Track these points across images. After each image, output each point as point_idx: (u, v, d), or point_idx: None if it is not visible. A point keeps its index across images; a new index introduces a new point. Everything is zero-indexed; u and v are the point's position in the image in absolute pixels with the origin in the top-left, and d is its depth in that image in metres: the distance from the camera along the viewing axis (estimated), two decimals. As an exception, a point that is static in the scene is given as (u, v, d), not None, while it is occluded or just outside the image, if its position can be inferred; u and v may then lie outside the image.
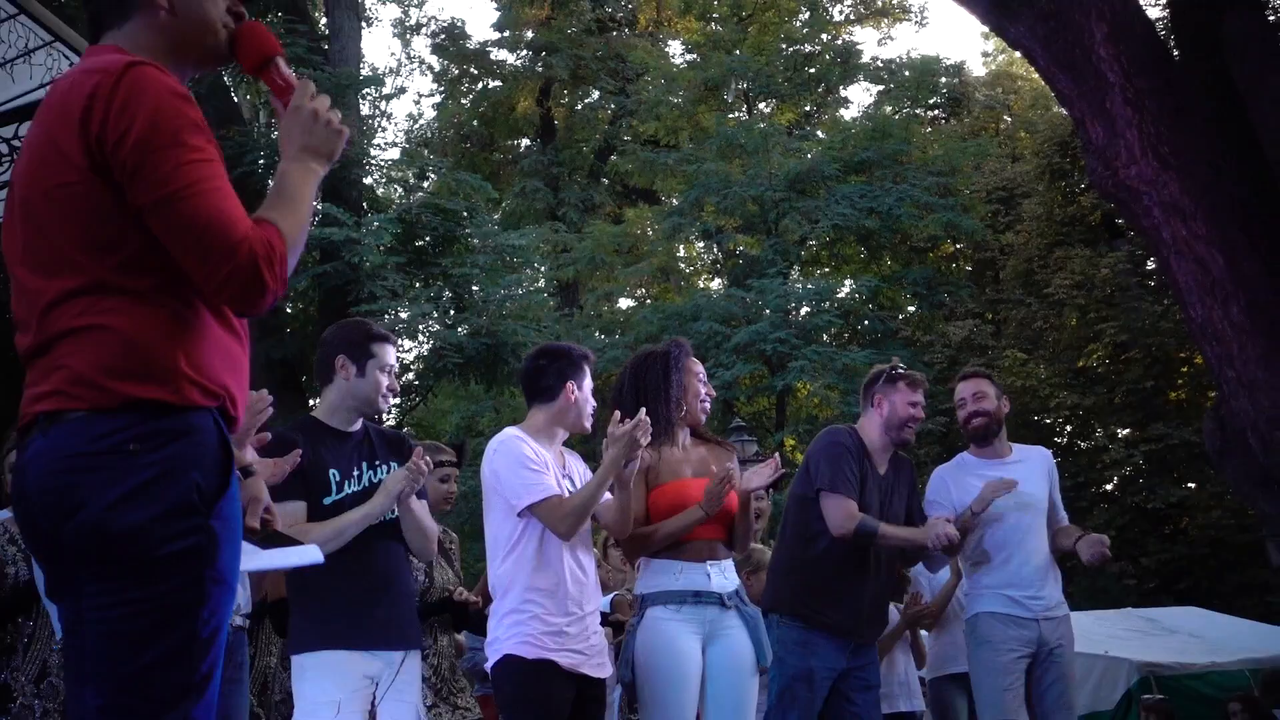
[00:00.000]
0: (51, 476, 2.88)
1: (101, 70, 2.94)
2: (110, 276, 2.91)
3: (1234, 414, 11.54)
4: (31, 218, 2.98)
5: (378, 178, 27.18)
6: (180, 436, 2.92)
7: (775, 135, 28.58)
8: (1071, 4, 11.50)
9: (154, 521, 2.86)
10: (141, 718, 2.89)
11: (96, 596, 2.89)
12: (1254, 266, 11.31)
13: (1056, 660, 7.28)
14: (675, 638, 6.02)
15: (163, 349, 2.93)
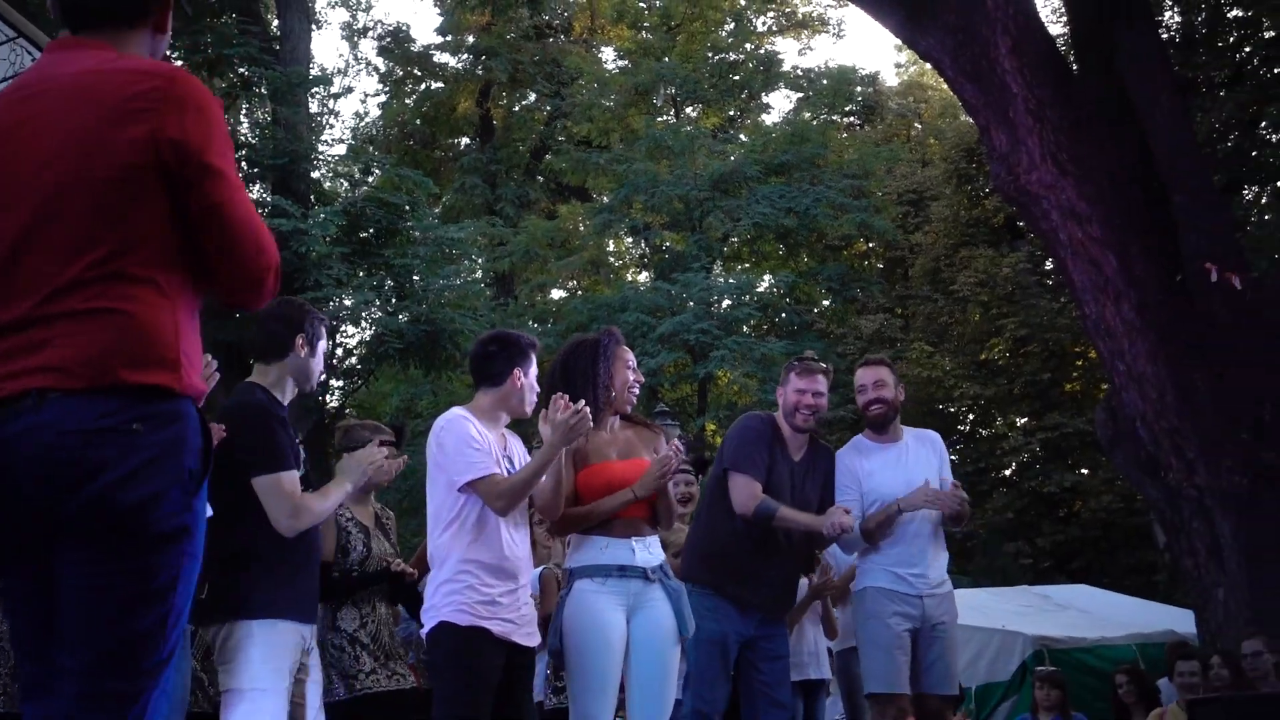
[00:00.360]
0: (57, 450, 2.83)
1: (148, 72, 2.98)
2: (128, 264, 2.90)
3: (1124, 405, 11.61)
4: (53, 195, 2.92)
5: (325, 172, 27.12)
6: (176, 421, 2.93)
7: (701, 138, 28.65)
8: (978, 19, 11.54)
9: (156, 498, 2.87)
10: (124, 682, 2.89)
11: (87, 565, 2.87)
12: (1145, 268, 11.38)
13: (939, 635, 7.30)
14: (601, 609, 6.01)
15: (170, 338, 2.95)
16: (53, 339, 2.84)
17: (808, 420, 7.22)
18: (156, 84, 2.93)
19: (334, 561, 6.67)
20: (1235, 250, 11.84)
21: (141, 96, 2.90)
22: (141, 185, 2.89)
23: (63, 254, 2.87)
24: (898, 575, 7.26)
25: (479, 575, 5.75)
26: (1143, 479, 11.83)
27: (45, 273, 2.87)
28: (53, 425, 2.81)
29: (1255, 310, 11.33)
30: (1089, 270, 11.47)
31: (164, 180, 2.91)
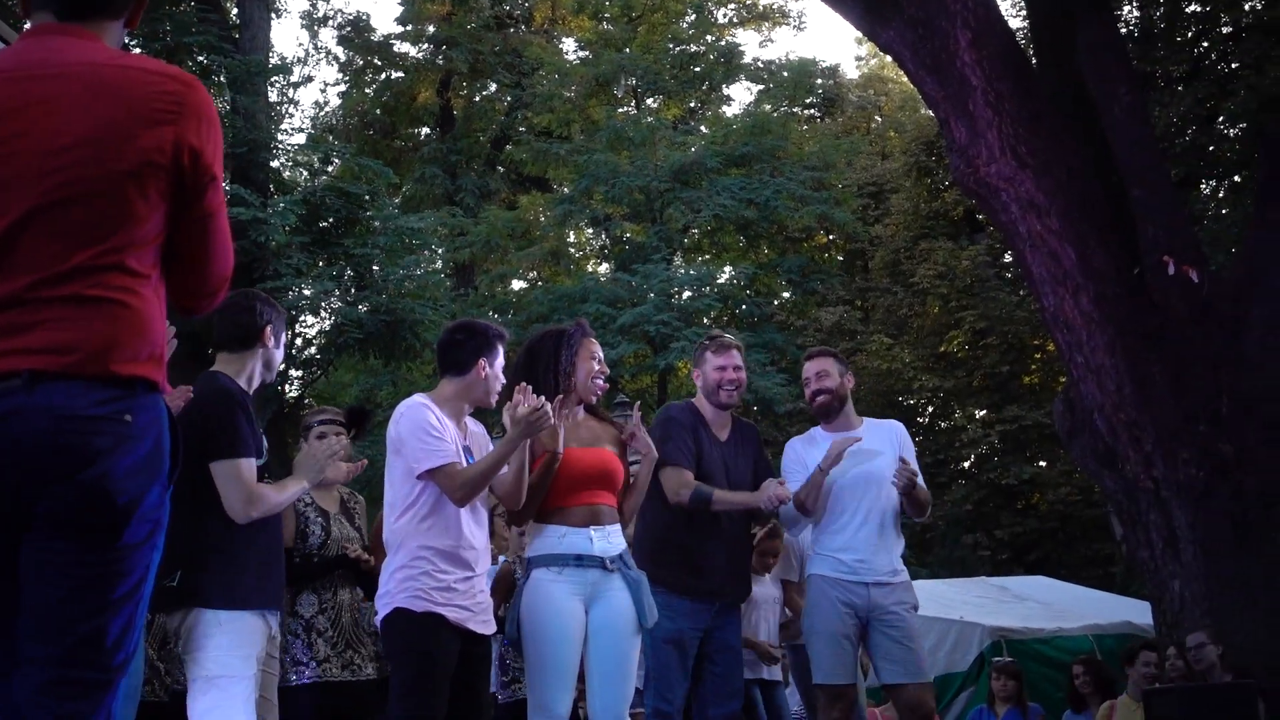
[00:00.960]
0: (54, 434, 2.84)
1: (171, 76, 3.05)
2: (132, 259, 2.95)
3: (1082, 397, 11.66)
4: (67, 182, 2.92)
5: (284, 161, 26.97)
6: (160, 416, 2.99)
7: (661, 129, 28.66)
8: (938, 12, 11.56)
9: (142, 495, 2.91)
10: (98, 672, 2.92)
11: (64, 555, 2.88)
12: (1103, 261, 11.42)
13: (893, 624, 7.21)
14: (558, 598, 6.04)
15: (159, 334, 3.02)
16: (47, 321, 2.85)
17: (731, 396, 7.30)
18: (180, 90, 3.01)
19: (293, 546, 6.68)
20: (1193, 244, 11.90)
21: (168, 99, 2.98)
22: (156, 185, 2.95)
23: (69, 239, 2.89)
24: (842, 562, 7.22)
25: (435, 562, 5.80)
26: (1100, 471, 11.88)
27: (45, 255, 2.87)
28: (46, 408, 2.81)
29: (1212, 303, 11.39)
30: (1048, 262, 11.51)
31: (173, 183, 2.96)
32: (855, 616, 7.20)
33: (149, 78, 3.01)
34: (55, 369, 2.83)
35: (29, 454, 2.83)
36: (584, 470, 6.19)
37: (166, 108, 2.95)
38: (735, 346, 7.42)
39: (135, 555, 2.93)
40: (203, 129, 3.00)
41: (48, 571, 2.89)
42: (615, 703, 6.20)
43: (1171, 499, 11.20)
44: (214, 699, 5.26)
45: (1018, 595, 16.05)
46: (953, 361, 25.64)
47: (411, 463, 5.82)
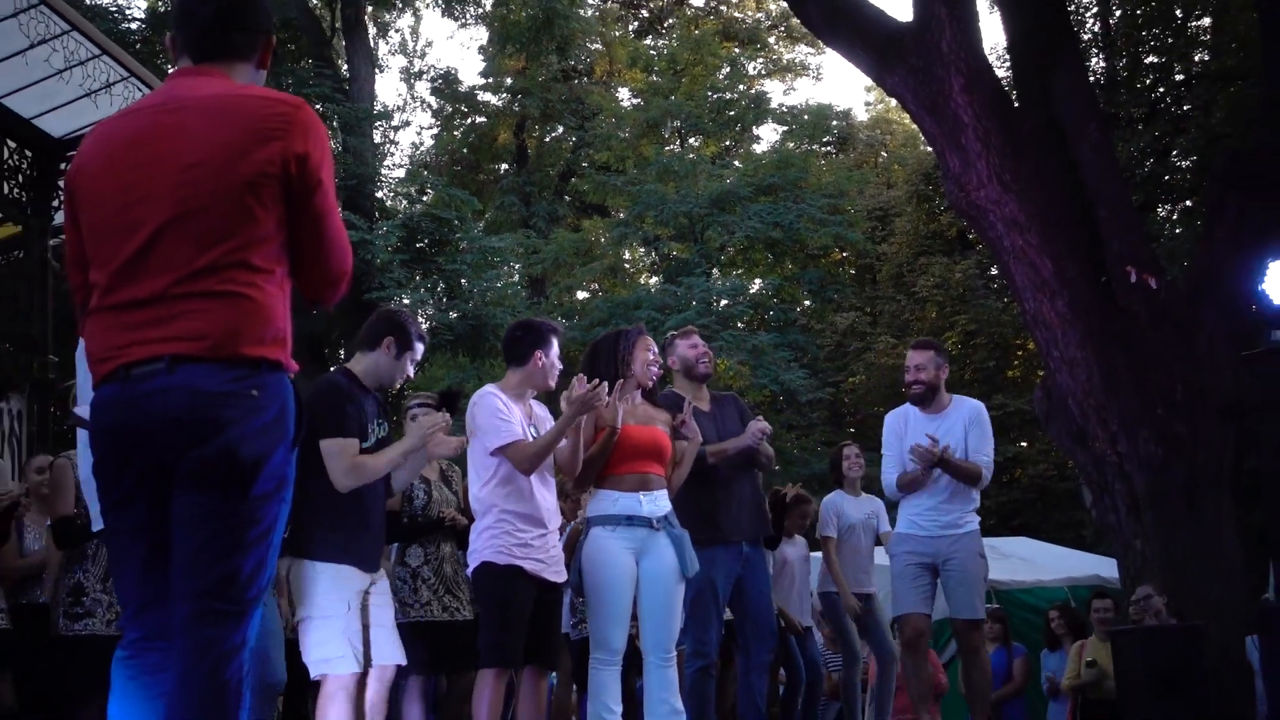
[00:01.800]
0: (191, 407, 2.91)
1: (280, 100, 3.09)
2: (249, 256, 2.99)
3: (1057, 386, 11.64)
4: (195, 195, 2.98)
5: (387, 192, 27.21)
6: (284, 390, 3.04)
7: (701, 164, 28.66)
8: (935, 61, 11.55)
9: (267, 455, 2.96)
10: (233, 604, 2.96)
11: (206, 507, 2.95)
12: (1075, 269, 11.39)
13: (955, 565, 7.49)
14: (612, 552, 6.13)
15: (281, 321, 3.05)
16: (184, 313, 2.93)
17: (708, 367, 7.47)
18: (287, 110, 3.04)
19: (400, 509, 6.76)
20: (1151, 258, 11.86)
21: (276, 118, 3.01)
22: (270, 192, 2.99)
23: (200, 242, 2.96)
24: (914, 522, 7.54)
25: (513, 523, 5.91)
26: (1073, 448, 11.86)
27: (180, 257, 2.95)
28: (185, 386, 2.89)
29: (1167, 307, 11.37)
30: (1028, 272, 11.49)
31: (285, 189, 3.00)
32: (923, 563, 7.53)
33: (261, 103, 3.05)
34: (192, 353, 2.91)
35: (171, 425, 2.91)
36: (637, 444, 6.27)
37: (275, 126, 2.99)
38: (694, 330, 7.72)
39: (264, 506, 2.97)
40: (308, 142, 3.02)
41: (191, 521, 2.94)
42: (663, 639, 6.27)
43: (1134, 471, 11.17)
44: (317, 634, 5.37)
45: (1004, 553, 15.95)
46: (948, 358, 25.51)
47: (486, 442, 5.92)
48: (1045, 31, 12.38)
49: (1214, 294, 11.39)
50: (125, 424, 2.98)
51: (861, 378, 25.68)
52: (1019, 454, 24.03)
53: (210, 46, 3.21)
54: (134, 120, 3.16)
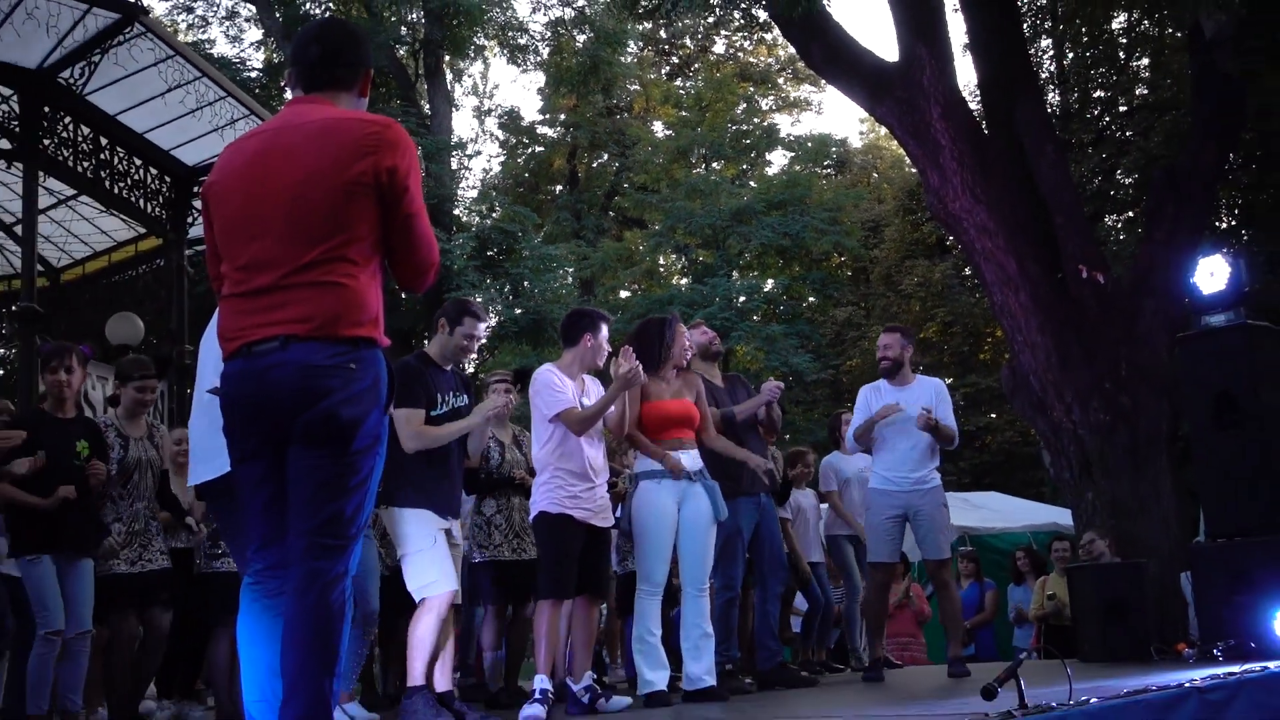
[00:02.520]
0: (300, 378, 2.96)
1: (374, 122, 3.11)
2: (349, 252, 3.03)
3: (1021, 366, 11.62)
4: (305, 202, 3.03)
5: (463, 210, 27.22)
6: (377, 364, 3.07)
7: (723, 184, 28.55)
8: (918, 94, 11.55)
9: (363, 417, 3.00)
10: (336, 540, 2.99)
11: (315, 460, 3.00)
12: (1035, 268, 11.38)
13: (923, 514, 7.42)
14: (657, 501, 6.16)
15: (372, 304, 3.07)
16: (294, 301, 2.98)
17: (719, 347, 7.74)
18: (379, 130, 3.07)
19: (479, 466, 6.83)
20: (1099, 258, 11.82)
21: (370, 137, 3.05)
22: (365, 198, 3.03)
23: (306, 242, 3.01)
24: (886, 478, 7.44)
25: (565, 478, 5.95)
26: (1034, 417, 11.84)
27: (291, 254, 3.01)
28: (295, 361, 2.95)
29: (1113, 299, 11.35)
30: (996, 270, 11.47)
31: (377, 196, 3.02)
32: (898, 514, 7.43)
33: (357, 124, 3.09)
34: (301, 333, 2.96)
35: (284, 393, 2.97)
36: (671, 414, 6.32)
37: (369, 144, 3.02)
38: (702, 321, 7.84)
39: (362, 459, 3.01)
40: (396, 155, 3.04)
41: (304, 472, 2.99)
42: (699, 575, 6.31)
43: (1085, 436, 11.15)
44: (414, 567, 5.45)
45: (976, 505, 15.93)
46: (929, 344, 25.49)
47: (543, 411, 5.96)
48: (1010, 70, 12.36)
49: (1152, 287, 11.38)
50: (248, 393, 3.05)
51: (857, 361, 25.64)
52: (989, 424, 23.99)
53: (317, 79, 3.27)
54: (255, 142, 3.22)
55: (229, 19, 27.77)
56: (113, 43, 10.17)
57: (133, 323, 13.17)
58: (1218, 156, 11.86)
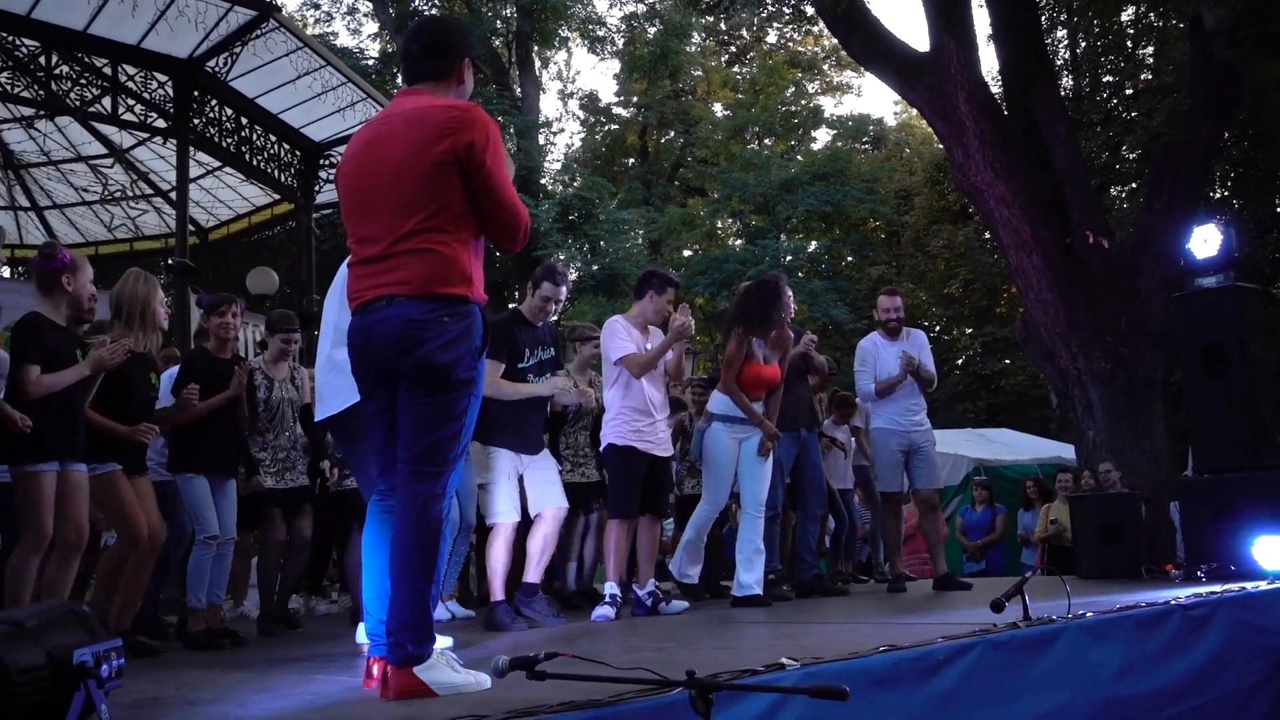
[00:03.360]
0: (399, 331, 2.99)
1: (454, 107, 3.10)
2: (440, 222, 3.04)
3: (1033, 320, 11.47)
4: (401, 181, 3.05)
5: (548, 180, 27.17)
6: (469, 317, 3.05)
7: (774, 158, 28.35)
8: (945, 80, 11.34)
9: (455, 361, 3.00)
10: (434, 467, 3.02)
11: (419, 399, 3.02)
12: (1047, 234, 11.21)
13: (922, 450, 7.44)
14: (723, 440, 6.33)
15: (464, 266, 3.05)
16: (397, 266, 3.02)
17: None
18: (458, 114, 3.06)
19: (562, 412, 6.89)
20: (1104, 225, 11.61)
21: (450, 121, 3.03)
22: (449, 173, 3.02)
23: (405, 215, 3.04)
24: (894, 419, 7.36)
25: (629, 414, 5.99)
26: (1044, 365, 11.71)
27: (394, 225, 3.04)
28: (398, 316, 2.97)
29: (1116, 261, 11.16)
30: (1012, 235, 11.30)
31: (459, 170, 3.01)
32: (903, 450, 7.42)
33: (441, 110, 3.08)
34: (403, 293, 3.00)
35: (389, 343, 3.02)
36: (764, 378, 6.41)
37: (450, 126, 3.01)
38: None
39: (456, 398, 3.02)
40: (473, 134, 3.02)
41: (407, 409, 3.04)
42: (756, 499, 6.35)
43: (1089, 381, 11.01)
44: (489, 497, 5.53)
45: (991, 440, 15.80)
46: (952, 299, 25.25)
47: (610, 354, 5.97)
48: (1028, 58, 12.11)
49: (1151, 251, 11.16)
50: (364, 344, 3.09)
51: (889, 313, 25.46)
52: (1003, 369, 23.74)
53: (416, 72, 3.27)
54: (368, 131, 3.25)
55: (350, 14, 27.86)
56: (251, 36, 10.25)
57: (269, 275, 13.35)
58: (1213, 136, 11.54)
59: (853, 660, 3.14)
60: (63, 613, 2.07)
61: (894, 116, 33.88)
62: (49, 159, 13.70)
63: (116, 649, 2.10)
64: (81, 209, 14.39)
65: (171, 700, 3.06)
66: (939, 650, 3.43)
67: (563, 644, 4.24)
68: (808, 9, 14.64)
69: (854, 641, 3.68)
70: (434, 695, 2.85)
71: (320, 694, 3.11)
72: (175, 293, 10.75)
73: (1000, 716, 3.53)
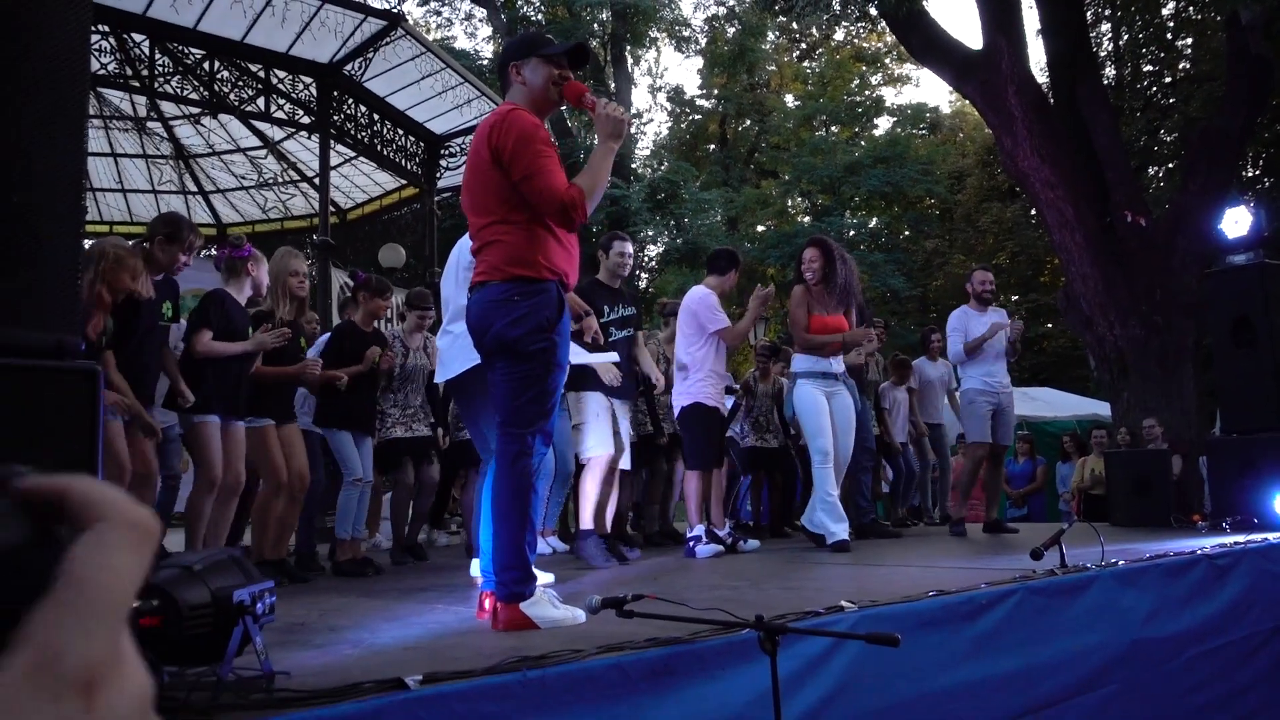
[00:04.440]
0: (481, 312, 3.04)
1: (498, 113, 3.09)
2: (504, 214, 3.03)
3: (1074, 291, 11.16)
4: (471, 185, 3.10)
5: (639, 164, 27.03)
6: (539, 294, 3.02)
7: (840, 144, 27.88)
8: (996, 75, 11.01)
9: (527, 334, 2.98)
10: (521, 425, 3.02)
11: (500, 370, 3.05)
12: (1089, 214, 10.87)
13: (1005, 410, 7.30)
14: (811, 395, 6.13)
15: (530, 250, 3.03)
16: (484, 257, 3.02)
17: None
18: (496, 119, 3.06)
19: None
20: (1142, 204, 11.20)
21: (492, 127, 3.05)
22: (498, 171, 3.02)
23: (480, 212, 3.09)
24: (984, 379, 7.24)
25: (713, 378, 5.95)
26: (1083, 331, 11.37)
27: (477, 222, 3.08)
28: (480, 299, 3.00)
29: (1152, 238, 10.78)
30: (1056, 215, 10.96)
31: (504, 168, 3.01)
32: (991, 406, 7.27)
33: (492, 117, 3.10)
34: (485, 280, 3.03)
35: (477, 321, 3.06)
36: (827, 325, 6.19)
37: (489, 130, 3.03)
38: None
39: (529, 365, 3.00)
40: (503, 137, 2.99)
41: (496, 378, 3.05)
42: (846, 448, 6.21)
43: (1125, 347, 10.68)
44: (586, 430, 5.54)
45: (1033, 398, 15.42)
46: (1000, 269, 24.60)
47: (706, 325, 5.89)
48: (1073, 52, 11.68)
49: (1185, 229, 10.75)
50: (468, 322, 3.12)
51: (942, 282, 24.93)
52: (1046, 332, 23.15)
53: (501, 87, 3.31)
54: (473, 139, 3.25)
55: (466, 19, 28.13)
56: (382, 43, 10.32)
57: (397, 251, 13.53)
58: (1246, 123, 11.03)
59: (904, 604, 3.11)
60: (225, 558, 2.13)
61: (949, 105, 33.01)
62: (213, 150, 14.02)
63: (269, 589, 2.15)
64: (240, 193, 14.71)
65: (316, 626, 3.15)
66: (982, 595, 3.38)
67: (649, 581, 4.27)
68: (872, 10, 14.25)
69: (905, 584, 3.64)
70: (536, 628, 2.89)
71: (440, 623, 3.17)
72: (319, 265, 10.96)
73: (1037, 655, 3.47)
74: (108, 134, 13.69)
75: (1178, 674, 4.17)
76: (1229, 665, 4.51)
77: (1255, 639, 4.72)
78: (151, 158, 14.17)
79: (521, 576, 2.95)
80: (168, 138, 13.80)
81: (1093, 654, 3.71)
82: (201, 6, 9.34)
